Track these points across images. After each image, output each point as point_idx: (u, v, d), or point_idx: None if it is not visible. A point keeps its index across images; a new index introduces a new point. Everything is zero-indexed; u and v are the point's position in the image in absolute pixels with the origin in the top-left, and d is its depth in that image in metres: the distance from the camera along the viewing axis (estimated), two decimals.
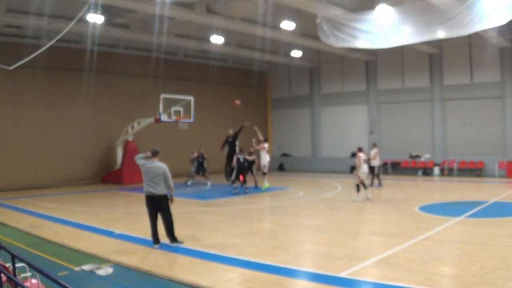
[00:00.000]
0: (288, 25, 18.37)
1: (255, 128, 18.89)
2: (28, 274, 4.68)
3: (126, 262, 7.47)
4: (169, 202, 8.62)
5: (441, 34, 15.95)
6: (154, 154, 8.73)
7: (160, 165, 8.57)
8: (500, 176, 21.44)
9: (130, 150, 21.85)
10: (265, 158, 18.44)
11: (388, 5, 15.38)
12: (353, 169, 27.06)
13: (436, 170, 23.74)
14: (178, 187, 20.16)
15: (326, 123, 28.61)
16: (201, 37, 21.81)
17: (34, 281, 4.63)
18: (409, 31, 16.10)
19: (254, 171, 18.55)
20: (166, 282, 6.56)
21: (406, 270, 6.71)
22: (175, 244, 8.56)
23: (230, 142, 19.90)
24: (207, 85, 26.87)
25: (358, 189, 14.47)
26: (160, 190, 8.47)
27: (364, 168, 14.85)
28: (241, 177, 16.63)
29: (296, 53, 25.07)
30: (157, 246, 8.54)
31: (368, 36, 16.87)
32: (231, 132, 20.07)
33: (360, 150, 15.24)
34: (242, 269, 7.07)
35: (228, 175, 19.05)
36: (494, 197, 14.49)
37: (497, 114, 22.26)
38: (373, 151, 18.70)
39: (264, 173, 18.19)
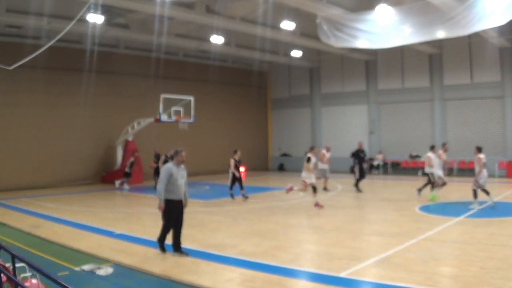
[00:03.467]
0: (288, 25, 18.37)
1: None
2: (28, 274, 4.68)
3: (126, 262, 7.47)
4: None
5: (441, 34, 15.96)
6: (170, 155, 8.25)
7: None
8: (500, 176, 21.43)
9: (130, 150, 21.85)
10: (438, 171, 15.17)
11: (388, 5, 15.38)
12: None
13: None
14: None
15: (326, 123, 28.61)
16: (201, 37, 21.82)
17: (34, 281, 4.63)
18: (409, 31, 16.10)
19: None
20: (166, 282, 6.56)
21: (406, 270, 6.71)
22: (158, 249, 8.06)
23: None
24: (207, 85, 26.87)
25: (475, 195, 12.45)
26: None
27: (484, 172, 12.72)
28: None
29: (296, 53, 25.08)
30: (176, 254, 7.92)
31: (368, 36, 16.86)
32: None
33: (479, 150, 13.12)
34: (242, 269, 7.06)
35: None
36: (494, 197, 14.43)
37: (497, 114, 22.26)
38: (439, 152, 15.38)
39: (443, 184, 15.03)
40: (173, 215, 7.91)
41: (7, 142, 19.36)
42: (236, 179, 15.30)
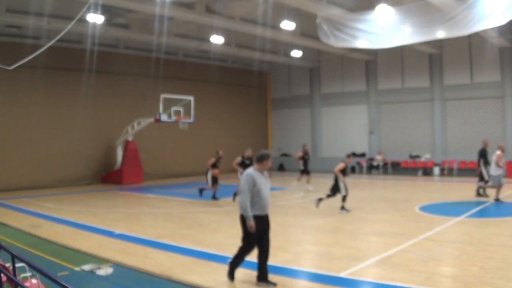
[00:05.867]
0: (288, 25, 18.36)
1: None
2: (28, 274, 4.68)
3: (126, 262, 7.47)
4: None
5: (441, 34, 15.96)
6: (257, 159, 6.45)
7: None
8: None
9: (130, 150, 21.86)
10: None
11: (388, 5, 15.38)
12: (353, 169, 27.17)
13: (436, 170, 23.74)
14: (179, 187, 20.19)
15: (326, 123, 28.62)
16: (201, 37, 21.82)
17: (34, 281, 4.62)
18: (409, 31, 16.11)
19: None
20: (166, 282, 6.56)
21: (406, 270, 6.71)
22: (227, 277, 6.51)
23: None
24: (207, 85, 26.88)
25: None
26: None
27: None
28: None
29: (296, 53, 25.07)
30: (262, 285, 6.37)
31: (368, 36, 16.87)
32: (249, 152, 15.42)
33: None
34: (242, 269, 7.06)
35: None
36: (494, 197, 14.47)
37: (497, 114, 22.25)
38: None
39: None
40: (256, 234, 6.27)
41: (7, 142, 19.36)
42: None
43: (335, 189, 12.36)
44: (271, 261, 7.42)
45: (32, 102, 20.14)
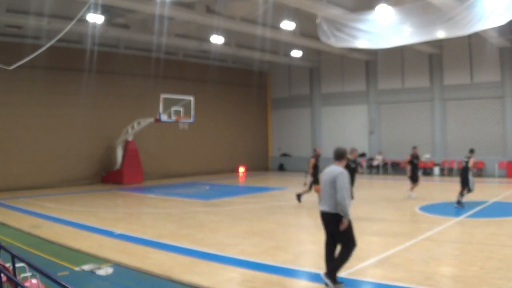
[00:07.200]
0: (288, 25, 18.35)
1: None
2: (28, 274, 4.68)
3: (126, 262, 7.47)
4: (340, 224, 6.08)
5: (441, 34, 15.96)
6: (337, 156, 6.38)
7: (333, 170, 6.22)
8: (500, 176, 21.44)
9: (130, 150, 21.86)
10: None
11: (388, 5, 15.39)
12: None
13: (436, 170, 23.74)
14: (179, 187, 20.21)
15: (326, 123, 28.62)
16: (201, 37, 21.82)
17: (34, 281, 4.63)
18: (409, 31, 16.11)
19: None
20: (166, 282, 6.56)
21: (406, 270, 6.71)
22: (327, 280, 6.04)
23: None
24: (207, 85, 26.88)
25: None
26: (330, 206, 6.17)
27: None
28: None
29: (296, 53, 25.07)
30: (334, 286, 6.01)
31: (368, 36, 16.86)
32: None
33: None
34: (242, 269, 7.07)
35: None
36: (494, 197, 14.50)
37: (497, 114, 22.26)
38: None
39: None
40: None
41: (7, 142, 19.34)
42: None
43: (466, 183, 12.67)
44: (271, 261, 7.44)
45: (32, 102, 20.13)
